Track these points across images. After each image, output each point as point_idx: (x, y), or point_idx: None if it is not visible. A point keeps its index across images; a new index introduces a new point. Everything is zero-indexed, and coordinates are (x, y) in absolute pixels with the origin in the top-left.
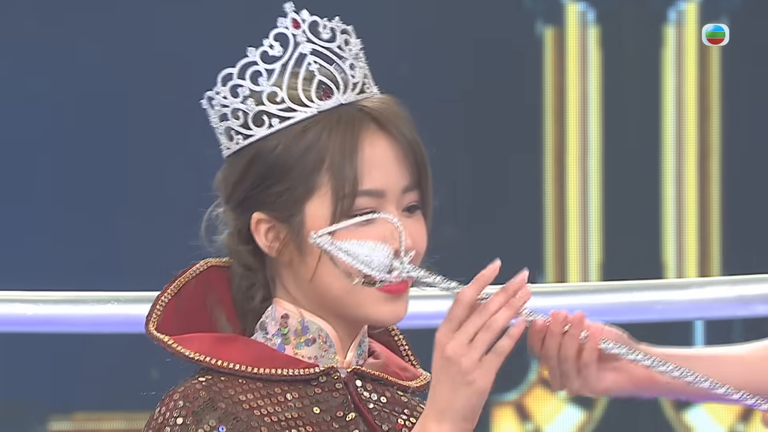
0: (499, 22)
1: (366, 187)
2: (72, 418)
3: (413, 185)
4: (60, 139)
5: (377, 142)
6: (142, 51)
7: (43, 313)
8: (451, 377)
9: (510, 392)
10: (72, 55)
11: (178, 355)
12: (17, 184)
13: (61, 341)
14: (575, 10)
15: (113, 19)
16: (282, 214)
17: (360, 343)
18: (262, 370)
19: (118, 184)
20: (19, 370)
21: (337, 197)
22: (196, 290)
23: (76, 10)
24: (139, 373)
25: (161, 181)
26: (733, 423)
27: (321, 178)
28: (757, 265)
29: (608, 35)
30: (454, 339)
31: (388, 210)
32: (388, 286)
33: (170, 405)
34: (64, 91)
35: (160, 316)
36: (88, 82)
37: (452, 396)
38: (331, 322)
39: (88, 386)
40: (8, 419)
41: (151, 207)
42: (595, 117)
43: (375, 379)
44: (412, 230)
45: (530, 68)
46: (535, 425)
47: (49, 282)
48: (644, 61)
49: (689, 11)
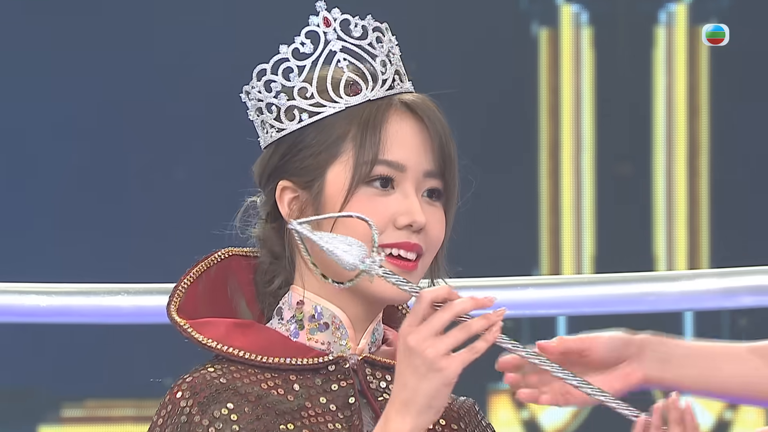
0: (496, 23)
1: (386, 158)
2: (83, 405)
3: (437, 173)
4: (77, 135)
5: (405, 121)
6: (162, 53)
7: (56, 305)
8: (414, 368)
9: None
10: (97, 56)
11: (192, 340)
12: (32, 179)
13: (74, 331)
14: (569, 11)
15: (144, 20)
16: (305, 180)
17: (374, 331)
18: (272, 359)
19: (130, 181)
20: (33, 359)
21: (358, 163)
22: (217, 276)
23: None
24: (148, 362)
25: (170, 178)
26: (721, 410)
27: (345, 144)
28: (743, 258)
29: (601, 36)
30: (417, 331)
31: (407, 186)
32: (394, 260)
33: (177, 395)
34: (82, 90)
35: (182, 298)
36: (105, 82)
37: (417, 385)
38: (345, 308)
39: (99, 374)
40: (22, 406)
41: (160, 204)
42: (588, 114)
43: (386, 366)
44: (428, 215)
45: (526, 67)
46: (530, 412)
47: (62, 274)
48: (635, 61)
49: (679, 13)
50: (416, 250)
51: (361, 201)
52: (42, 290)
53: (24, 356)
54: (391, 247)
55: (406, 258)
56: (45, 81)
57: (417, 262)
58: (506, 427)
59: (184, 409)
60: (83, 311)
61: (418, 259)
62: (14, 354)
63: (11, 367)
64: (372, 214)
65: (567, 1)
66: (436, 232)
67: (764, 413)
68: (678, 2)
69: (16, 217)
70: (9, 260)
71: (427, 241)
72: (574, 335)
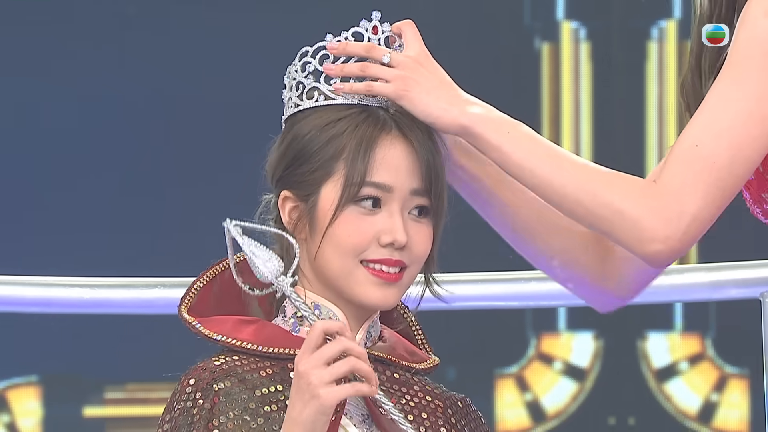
0: (502, 38)
1: (374, 180)
2: (125, 388)
3: (423, 191)
4: (122, 137)
5: (394, 144)
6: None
7: (99, 297)
8: (300, 391)
9: (511, 366)
10: (144, 60)
11: (200, 334)
12: (82, 184)
13: (115, 321)
14: (569, 28)
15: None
16: (303, 193)
17: (369, 328)
18: (272, 350)
19: (166, 182)
20: (79, 346)
21: (347, 184)
22: (232, 277)
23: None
24: (182, 348)
25: (202, 180)
26: (708, 392)
27: (338, 165)
28: (728, 254)
29: (598, 50)
30: (307, 359)
31: (393, 206)
32: (377, 272)
33: (185, 383)
34: (122, 92)
35: (194, 298)
36: (146, 86)
37: (301, 409)
38: (341, 307)
39: (139, 360)
40: (69, 389)
41: (194, 204)
42: (586, 122)
43: (378, 359)
44: (411, 233)
45: (530, 78)
46: (533, 395)
47: (104, 269)
48: (630, 73)
49: (669, 29)
50: (399, 265)
51: (349, 219)
52: (86, 284)
53: (70, 344)
54: (374, 263)
55: (388, 272)
56: (92, 83)
57: (401, 273)
58: (511, 408)
59: (190, 395)
60: (123, 303)
61: (403, 271)
62: (62, 343)
63: (60, 354)
64: (358, 232)
65: (567, 19)
66: (421, 247)
67: (747, 394)
68: (668, 19)
69: (66, 218)
70: (58, 257)
71: (411, 256)
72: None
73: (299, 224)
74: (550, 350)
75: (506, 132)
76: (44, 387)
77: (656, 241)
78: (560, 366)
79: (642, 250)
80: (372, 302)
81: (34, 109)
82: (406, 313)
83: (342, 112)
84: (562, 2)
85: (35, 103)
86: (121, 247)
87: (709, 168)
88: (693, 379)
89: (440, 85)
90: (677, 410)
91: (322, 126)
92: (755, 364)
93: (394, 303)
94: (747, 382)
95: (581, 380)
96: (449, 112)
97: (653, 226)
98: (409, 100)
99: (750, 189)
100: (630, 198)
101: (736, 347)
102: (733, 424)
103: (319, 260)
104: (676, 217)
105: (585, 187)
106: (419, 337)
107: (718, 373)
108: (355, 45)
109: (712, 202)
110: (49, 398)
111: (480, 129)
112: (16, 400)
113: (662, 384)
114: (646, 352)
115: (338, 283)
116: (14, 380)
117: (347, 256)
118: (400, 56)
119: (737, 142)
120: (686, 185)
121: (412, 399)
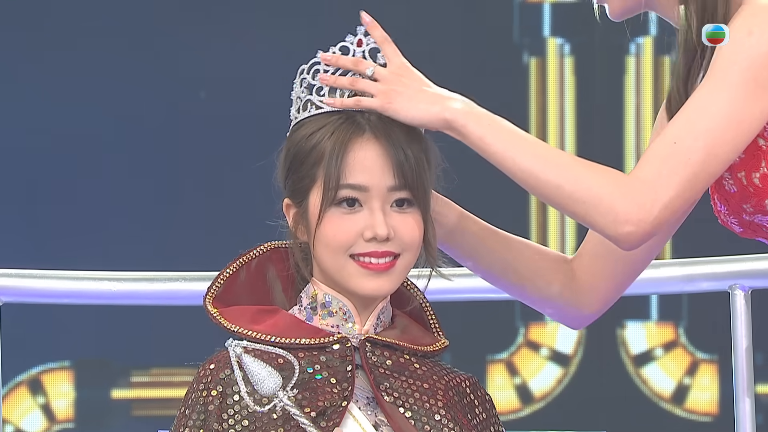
0: (492, 54)
1: (349, 182)
2: (150, 373)
3: (401, 186)
4: (150, 138)
5: (367, 146)
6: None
7: (125, 289)
8: None
9: (502, 352)
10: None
11: (220, 325)
12: (108, 183)
13: (140, 311)
14: (554, 43)
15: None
16: (297, 200)
17: (379, 313)
18: (285, 340)
19: (190, 181)
20: (107, 334)
21: (326, 188)
22: (258, 268)
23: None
24: (202, 336)
25: (224, 177)
26: (681, 376)
27: (319, 171)
28: (700, 250)
29: (581, 64)
30: None
31: (373, 203)
32: (366, 264)
33: (201, 373)
34: (145, 91)
35: (220, 288)
36: (168, 86)
37: None
38: (349, 297)
39: (163, 347)
40: (98, 373)
41: (217, 201)
42: (570, 129)
43: (386, 344)
44: (396, 223)
45: (518, 91)
46: (522, 379)
47: (130, 264)
48: (610, 85)
49: (646, 45)
50: (387, 255)
51: (332, 220)
52: (113, 277)
53: (100, 332)
54: (363, 256)
55: (377, 263)
56: (116, 86)
57: (394, 262)
58: (502, 390)
59: (203, 383)
60: (148, 295)
61: (396, 259)
62: (92, 331)
63: (89, 341)
64: (342, 231)
65: (552, 35)
66: (408, 234)
67: (717, 378)
68: (645, 36)
69: (97, 218)
70: (88, 252)
71: (402, 244)
72: None
73: (300, 228)
74: (537, 338)
75: (487, 124)
76: (76, 371)
77: (629, 223)
78: (546, 352)
79: (615, 231)
80: (366, 292)
81: (65, 108)
82: (416, 291)
83: (325, 120)
84: (548, 20)
85: (68, 102)
86: (146, 244)
87: (684, 163)
88: (667, 364)
89: (420, 90)
90: (653, 392)
91: (308, 135)
92: (724, 351)
93: (390, 290)
94: (716, 366)
95: (566, 365)
96: (431, 110)
97: (627, 209)
98: (394, 110)
99: (729, 201)
100: (609, 184)
101: (706, 335)
102: (704, 405)
103: (318, 260)
104: (649, 203)
105: (566, 173)
106: (432, 320)
107: (690, 359)
108: (345, 58)
109: (683, 194)
110: (81, 382)
111: (462, 122)
112: (51, 383)
113: (639, 369)
114: (625, 339)
115: (335, 277)
116: (49, 365)
117: (337, 253)
118: (383, 70)
119: (713, 143)
120: (662, 177)
121: (415, 383)
